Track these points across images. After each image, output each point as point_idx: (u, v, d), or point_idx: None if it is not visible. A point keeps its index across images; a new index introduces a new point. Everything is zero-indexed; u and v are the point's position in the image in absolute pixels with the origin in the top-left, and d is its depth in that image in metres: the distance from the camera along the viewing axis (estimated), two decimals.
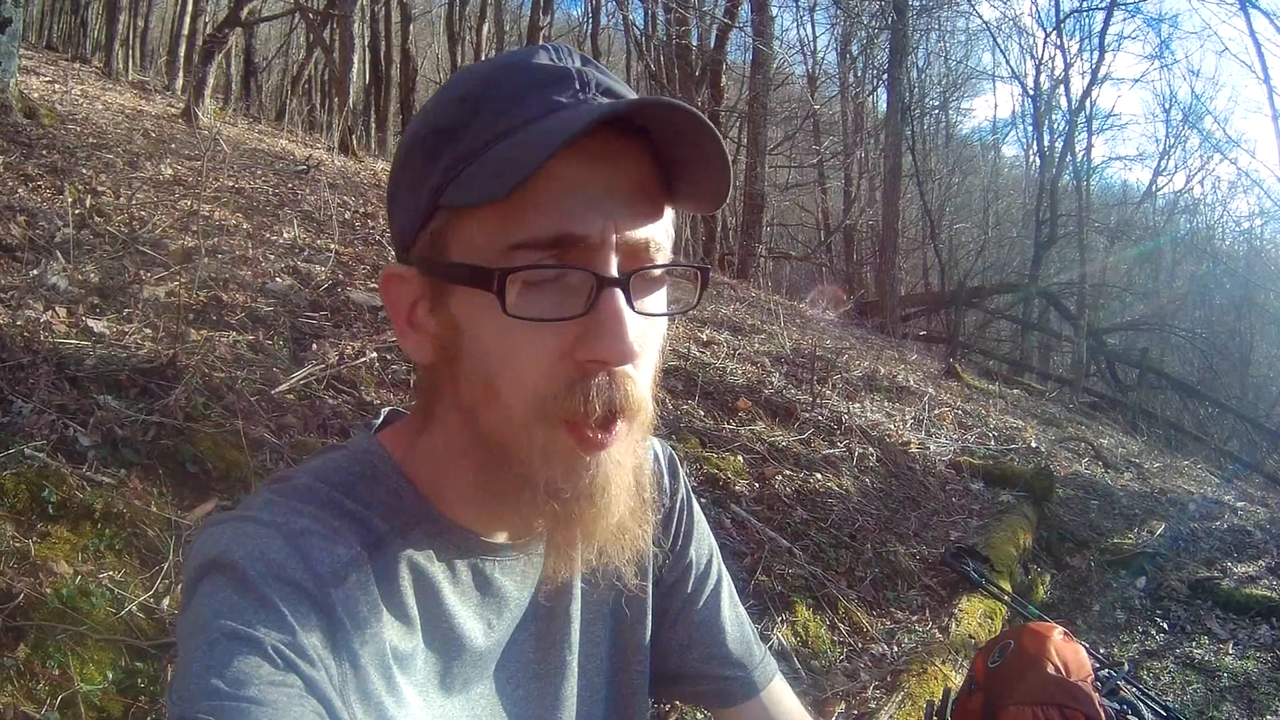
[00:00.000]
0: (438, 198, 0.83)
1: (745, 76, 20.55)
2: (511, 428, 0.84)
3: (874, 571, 4.22)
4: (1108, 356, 20.89)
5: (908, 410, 7.57)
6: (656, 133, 0.83)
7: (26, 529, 2.30)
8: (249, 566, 0.79)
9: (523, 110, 0.81)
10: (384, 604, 0.86)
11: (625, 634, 1.13)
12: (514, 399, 0.83)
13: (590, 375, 0.82)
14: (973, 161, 33.91)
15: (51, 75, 10.29)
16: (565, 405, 0.81)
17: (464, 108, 0.84)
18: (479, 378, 0.84)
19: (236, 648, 0.74)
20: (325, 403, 3.50)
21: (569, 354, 0.81)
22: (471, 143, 0.82)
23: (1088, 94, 23.10)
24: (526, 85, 0.83)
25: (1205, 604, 5.33)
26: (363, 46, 18.71)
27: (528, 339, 0.81)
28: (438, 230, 0.84)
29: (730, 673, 1.22)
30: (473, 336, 0.84)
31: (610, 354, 0.80)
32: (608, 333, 0.80)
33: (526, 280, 0.79)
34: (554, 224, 0.79)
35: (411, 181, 0.87)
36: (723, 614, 1.23)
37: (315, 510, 0.86)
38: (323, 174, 8.14)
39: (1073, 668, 2.68)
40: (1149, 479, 8.65)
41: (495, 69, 0.86)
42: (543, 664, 1.03)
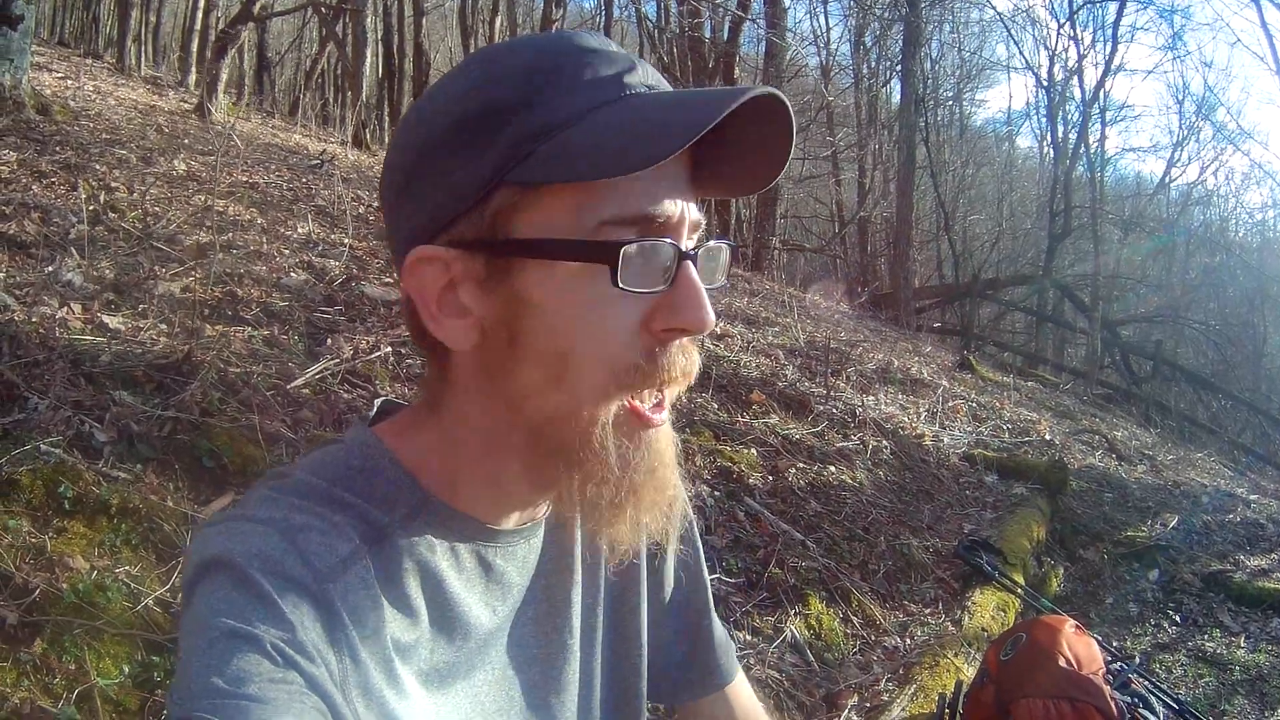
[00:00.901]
0: (502, 175, 0.82)
1: (758, 68, 20.48)
2: (582, 404, 0.85)
3: (887, 564, 4.23)
4: (1122, 349, 20.81)
5: (922, 403, 7.57)
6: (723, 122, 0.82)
7: (43, 524, 2.32)
8: (247, 564, 0.79)
9: (600, 90, 0.83)
10: (385, 597, 0.86)
11: (623, 622, 1.14)
12: (588, 373, 0.84)
13: (667, 344, 0.85)
14: (987, 153, 33.75)
15: (64, 71, 10.31)
16: (648, 375, 0.84)
17: (528, 84, 0.82)
18: (548, 356, 0.84)
19: (236, 645, 0.74)
20: (340, 397, 3.51)
21: (646, 326, 0.84)
22: (550, 117, 0.81)
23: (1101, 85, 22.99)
24: (597, 64, 0.84)
25: (1218, 597, 5.31)
26: (375, 40, 18.71)
27: (617, 311, 0.83)
28: (502, 207, 0.83)
29: (715, 661, 1.25)
30: (546, 313, 0.84)
31: (694, 322, 0.84)
32: (692, 302, 0.84)
33: (626, 254, 0.80)
34: (644, 203, 0.82)
35: (455, 161, 0.84)
36: (709, 605, 1.25)
37: (313, 506, 0.86)
38: (336, 168, 8.15)
39: (1084, 661, 2.69)
40: (1163, 471, 8.63)
41: (555, 48, 0.85)
42: (544, 648, 1.04)
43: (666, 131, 0.77)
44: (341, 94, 18.30)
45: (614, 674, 1.14)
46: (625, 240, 0.80)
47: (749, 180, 0.92)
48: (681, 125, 0.77)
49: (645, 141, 0.77)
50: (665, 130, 0.77)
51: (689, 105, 0.80)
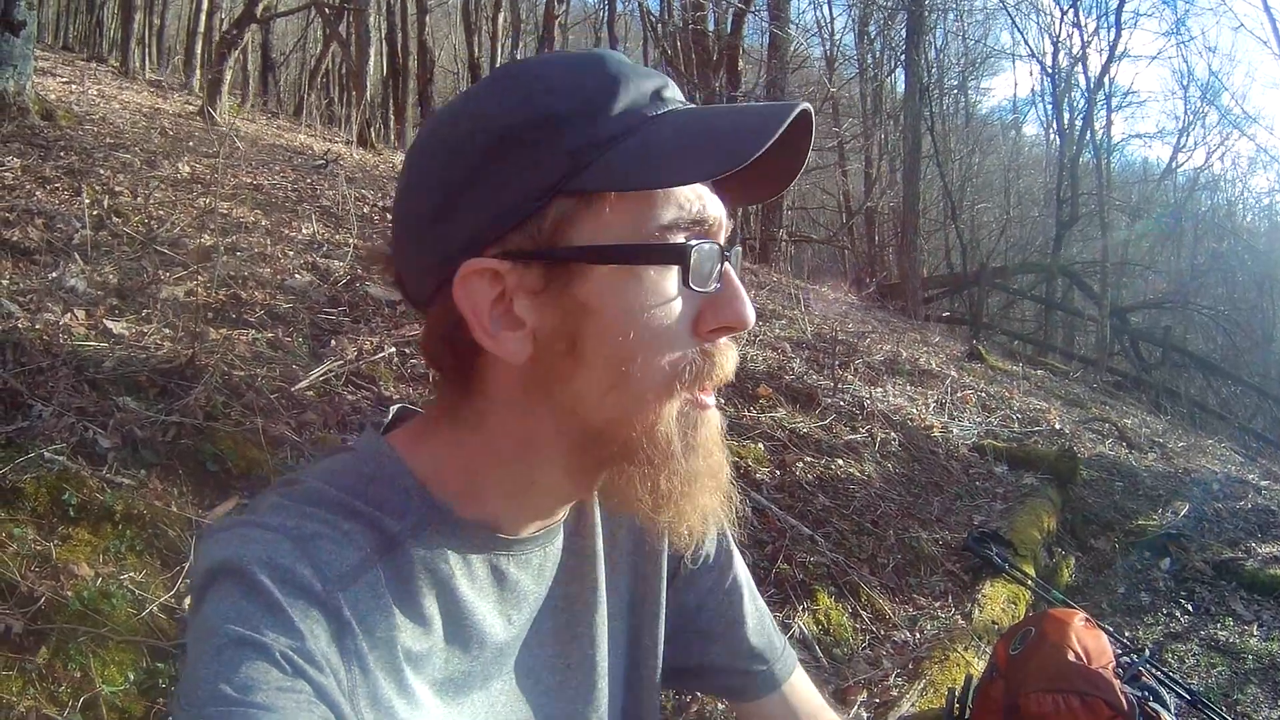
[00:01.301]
0: (561, 185, 0.82)
1: (762, 60, 20.44)
2: (644, 407, 0.86)
3: (896, 558, 4.21)
4: (1131, 335, 20.74)
5: (930, 393, 7.55)
6: None
7: (48, 532, 2.33)
8: (256, 571, 0.78)
9: (652, 102, 0.87)
10: (396, 605, 0.85)
11: (642, 629, 1.13)
12: (653, 374, 0.85)
13: (716, 344, 0.89)
14: (993, 141, 33.64)
15: (68, 76, 10.34)
16: (705, 372, 0.88)
17: (585, 94, 0.84)
18: (611, 360, 0.84)
19: (244, 653, 0.73)
20: (345, 399, 3.52)
21: (695, 327, 0.87)
22: (612, 127, 0.83)
23: (1106, 71, 22.80)
24: (644, 81, 0.87)
25: (1230, 585, 5.29)
26: (379, 39, 18.72)
27: (677, 313, 0.85)
28: (560, 218, 0.83)
29: (751, 667, 1.22)
30: (610, 317, 0.84)
31: (741, 319, 0.88)
32: (740, 299, 0.88)
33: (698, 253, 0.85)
34: (697, 207, 0.86)
35: (510, 172, 0.84)
36: (743, 607, 1.22)
37: (324, 513, 0.86)
38: (341, 168, 8.15)
39: (1094, 654, 2.67)
40: (1173, 459, 8.60)
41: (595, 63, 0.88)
42: (564, 657, 1.03)
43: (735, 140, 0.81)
44: (346, 93, 18.31)
45: (633, 684, 1.13)
46: (691, 243, 0.84)
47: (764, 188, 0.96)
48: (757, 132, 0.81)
49: (708, 152, 0.81)
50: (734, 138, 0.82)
51: (749, 116, 0.86)
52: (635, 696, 1.13)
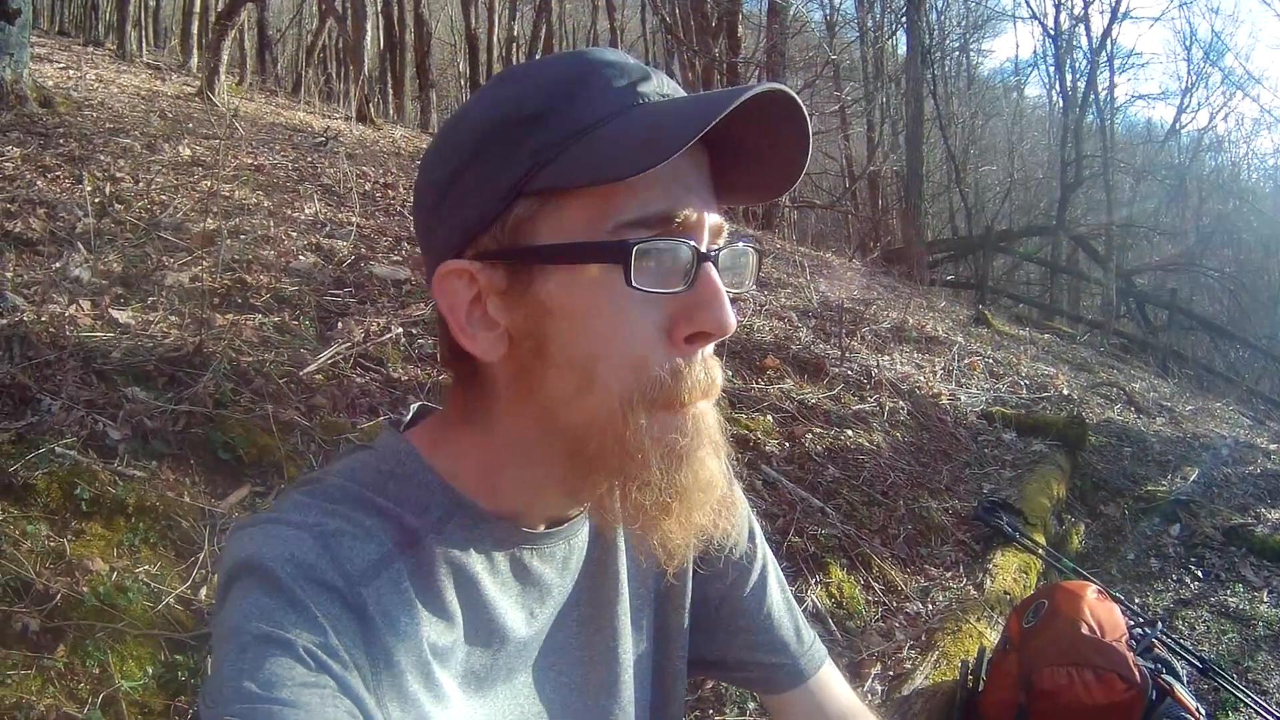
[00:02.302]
0: (524, 185, 0.83)
1: (762, 26, 20.30)
2: (612, 412, 0.84)
3: (907, 528, 4.21)
4: (1137, 298, 20.73)
5: (938, 361, 7.53)
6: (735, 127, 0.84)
7: (61, 528, 2.33)
8: (280, 568, 0.79)
9: (619, 99, 0.84)
10: (419, 601, 0.86)
11: (667, 620, 1.14)
12: (617, 381, 0.84)
13: (690, 353, 0.85)
14: (995, 104, 33.51)
15: (65, 61, 10.28)
16: (670, 389, 0.84)
17: (550, 95, 0.84)
18: (575, 364, 0.84)
19: (269, 650, 0.74)
20: (353, 382, 3.51)
21: (669, 332, 0.84)
22: (570, 126, 0.82)
23: (1108, 32, 22.74)
24: (617, 76, 0.85)
25: (1239, 551, 5.28)
26: (375, 13, 18.61)
27: (637, 314, 0.83)
28: (523, 217, 0.84)
29: (777, 660, 1.21)
30: (570, 320, 0.84)
31: (716, 325, 0.84)
32: (713, 304, 0.84)
33: (641, 253, 0.81)
34: (662, 204, 0.82)
35: (483, 174, 0.86)
36: (769, 600, 1.22)
37: (347, 510, 0.87)
38: (341, 145, 8.12)
39: (1107, 628, 2.69)
40: (1181, 423, 8.58)
41: (569, 62, 0.88)
42: (587, 650, 1.04)
43: (672, 132, 0.78)
44: (344, 69, 18.20)
45: (659, 676, 1.14)
46: (639, 239, 0.81)
47: (768, 185, 0.93)
48: (692, 121, 0.78)
49: (652, 143, 0.78)
50: (671, 130, 0.78)
51: (694, 105, 0.81)
52: (661, 686, 1.14)
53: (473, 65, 20.22)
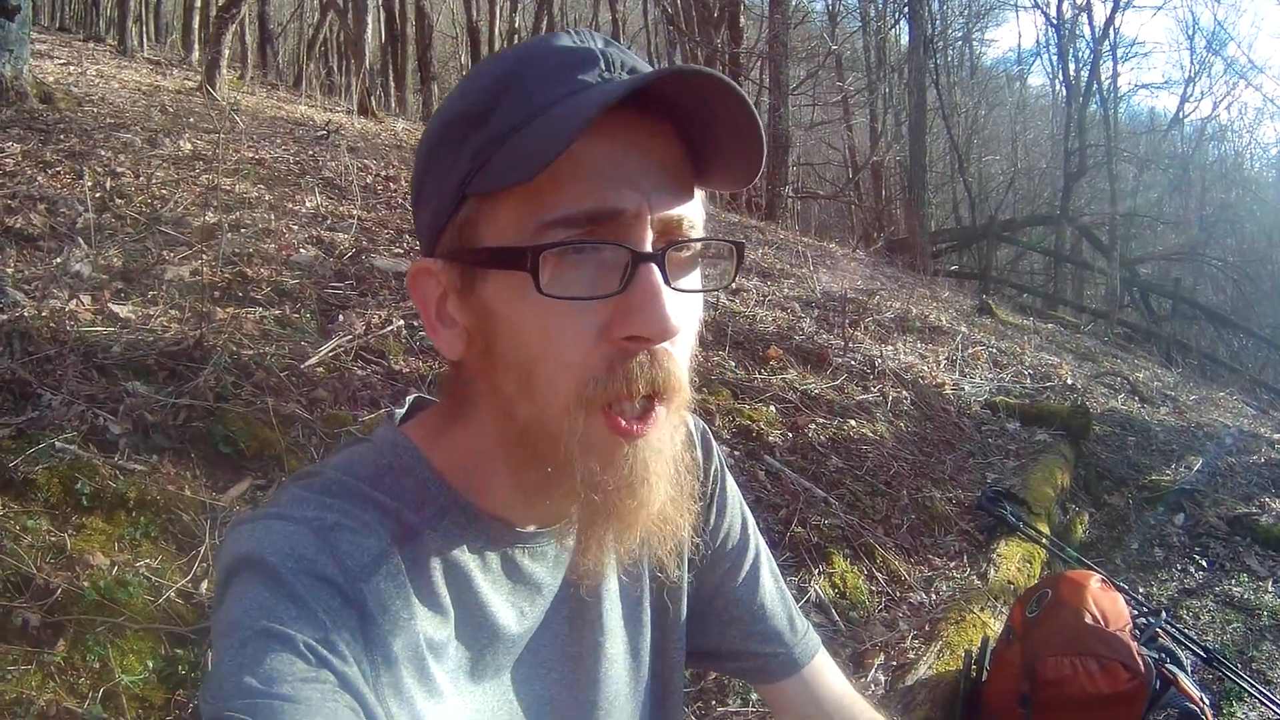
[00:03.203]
0: (466, 186, 0.83)
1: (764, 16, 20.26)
2: (550, 416, 0.83)
3: (910, 518, 4.21)
4: (1141, 287, 20.70)
5: (941, 350, 7.52)
6: (684, 108, 0.82)
7: (62, 523, 2.33)
8: (279, 563, 0.79)
9: (548, 92, 0.81)
10: (416, 595, 0.86)
11: (664, 613, 1.13)
12: (553, 384, 0.82)
13: (630, 355, 0.81)
14: (998, 93, 33.47)
15: (66, 57, 10.28)
16: (607, 388, 0.81)
17: (489, 94, 0.83)
18: (515, 366, 0.84)
19: (268, 645, 0.74)
20: (354, 374, 3.51)
21: (606, 334, 0.81)
22: (499, 127, 0.81)
23: (1111, 21, 22.69)
24: (551, 67, 0.83)
25: (1244, 540, 5.28)
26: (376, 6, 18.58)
27: (566, 319, 0.80)
28: (467, 219, 0.84)
29: (770, 649, 1.22)
30: (508, 323, 0.83)
31: (650, 329, 0.79)
32: (646, 308, 0.79)
33: (561, 258, 0.79)
34: (588, 200, 0.79)
35: (438, 174, 0.87)
36: (762, 590, 1.22)
37: (344, 504, 0.87)
38: (342, 138, 8.11)
39: (1110, 617, 2.68)
40: (1185, 413, 8.57)
41: (517, 55, 0.86)
42: (576, 646, 1.04)
43: (556, 132, 0.76)
44: (345, 62, 18.18)
45: (657, 668, 1.14)
46: (549, 243, 0.78)
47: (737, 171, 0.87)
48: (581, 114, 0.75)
49: (539, 146, 0.76)
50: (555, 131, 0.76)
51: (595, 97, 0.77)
52: (661, 678, 1.14)
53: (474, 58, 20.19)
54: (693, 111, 0.82)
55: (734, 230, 11.75)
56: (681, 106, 0.82)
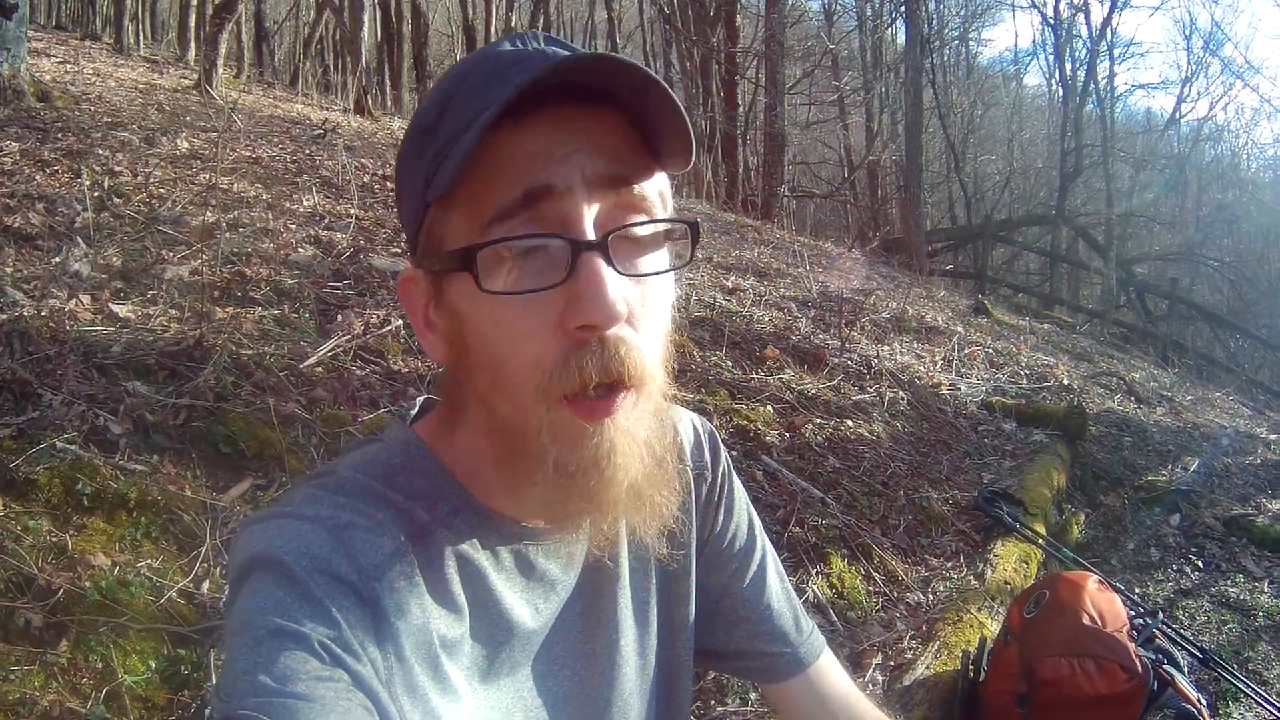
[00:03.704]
0: (425, 194, 0.84)
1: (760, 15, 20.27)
2: (519, 409, 0.84)
3: (907, 518, 4.21)
4: (1137, 287, 20.72)
5: (937, 351, 7.53)
6: (619, 94, 0.82)
7: (63, 523, 2.33)
8: (294, 562, 0.79)
9: (484, 98, 0.81)
10: (429, 593, 0.87)
11: (673, 613, 1.14)
12: (517, 378, 0.83)
13: (583, 343, 0.81)
14: (995, 93, 33.48)
15: (62, 55, 10.26)
16: (562, 378, 0.81)
17: (439, 105, 0.86)
18: (485, 364, 0.85)
19: (283, 644, 0.74)
20: (353, 374, 3.51)
21: (561, 325, 0.81)
22: (445, 136, 0.83)
23: (1108, 21, 22.73)
24: (489, 74, 0.84)
25: (1240, 541, 5.28)
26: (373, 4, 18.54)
27: (518, 314, 0.81)
28: (431, 227, 0.86)
29: (776, 649, 1.23)
30: (471, 323, 0.85)
31: (594, 316, 0.79)
32: (587, 295, 0.79)
33: (508, 254, 0.80)
34: (519, 185, 0.80)
35: (407, 186, 0.89)
36: (768, 591, 1.23)
37: (358, 503, 0.87)
38: (339, 137, 8.11)
39: (1108, 618, 2.69)
40: (1182, 413, 8.58)
41: (462, 65, 0.88)
42: (590, 643, 1.04)
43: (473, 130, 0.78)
44: (341, 60, 18.14)
45: (665, 667, 1.14)
46: (485, 241, 0.80)
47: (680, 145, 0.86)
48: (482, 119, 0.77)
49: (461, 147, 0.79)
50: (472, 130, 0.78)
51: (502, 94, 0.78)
52: (669, 678, 1.15)
53: None
54: (629, 98, 0.82)
55: (729, 228, 11.76)
56: (619, 95, 0.82)
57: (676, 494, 0.95)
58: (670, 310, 0.92)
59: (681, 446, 1.16)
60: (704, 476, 1.18)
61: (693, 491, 1.16)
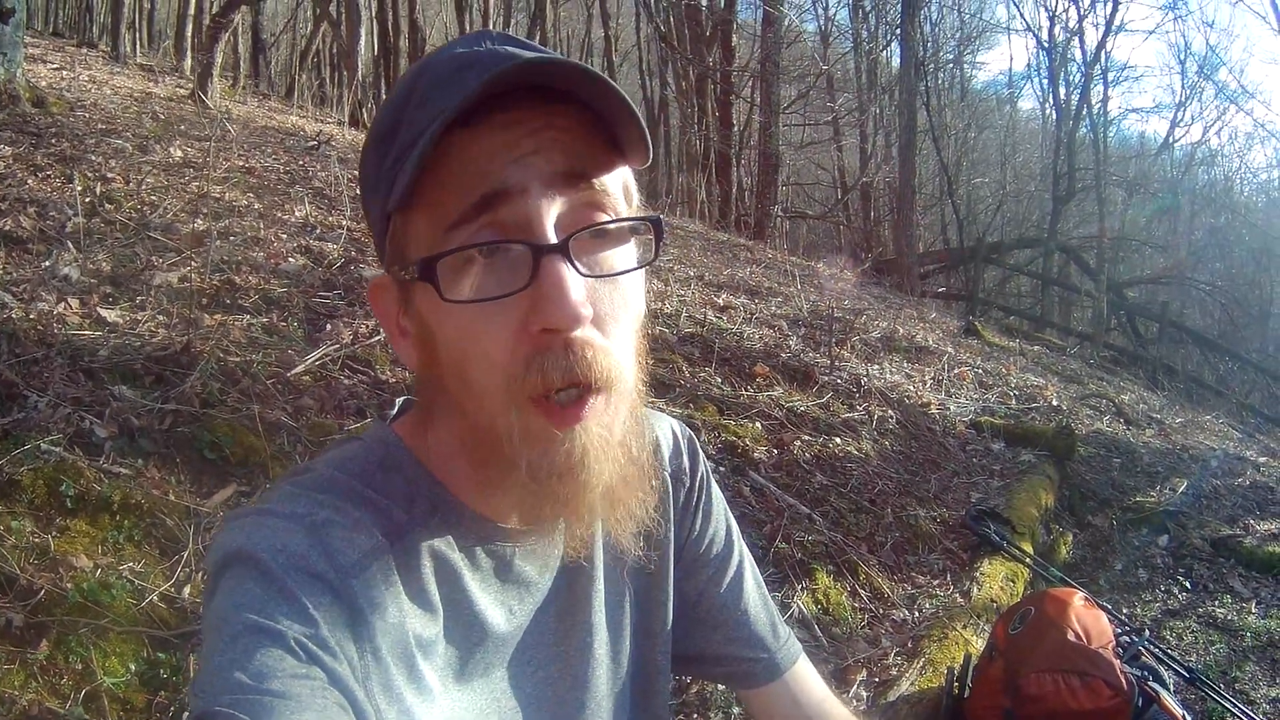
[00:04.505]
0: (387, 204, 0.84)
1: (756, 35, 20.35)
2: (487, 413, 0.84)
3: (894, 536, 4.21)
4: (1128, 311, 20.76)
5: (927, 370, 7.54)
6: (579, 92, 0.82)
7: (45, 524, 2.33)
8: (271, 559, 0.79)
9: (438, 104, 0.81)
10: (406, 592, 0.87)
11: (649, 617, 1.14)
12: (485, 384, 0.83)
13: (547, 348, 0.81)
14: (989, 116, 33.65)
15: (59, 62, 10.26)
16: (526, 382, 0.81)
17: (394, 112, 0.85)
18: (453, 369, 0.85)
19: (259, 641, 0.74)
20: (341, 383, 3.51)
21: (524, 329, 0.81)
22: (402, 144, 0.83)
23: (1102, 45, 22.82)
24: (440, 76, 0.83)
25: (1228, 562, 5.29)
26: (369, 18, 18.60)
27: (483, 321, 0.81)
28: (395, 235, 0.86)
29: (753, 654, 1.23)
30: (438, 329, 0.85)
31: (557, 320, 0.79)
32: (550, 299, 0.79)
33: (470, 261, 0.80)
34: (475, 190, 0.80)
35: (369, 195, 0.90)
36: (745, 596, 1.23)
37: (336, 501, 0.87)
38: (333, 149, 8.11)
39: (1094, 634, 2.69)
40: (1171, 435, 8.60)
41: (416, 68, 0.88)
42: (563, 646, 1.04)
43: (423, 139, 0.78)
44: (337, 73, 18.20)
45: (640, 671, 1.14)
46: (444, 251, 0.80)
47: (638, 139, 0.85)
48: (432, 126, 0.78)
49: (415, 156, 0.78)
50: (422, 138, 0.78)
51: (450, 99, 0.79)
52: (644, 682, 1.15)
53: None
54: (585, 95, 0.82)
55: (721, 247, 11.78)
56: (580, 92, 0.82)
57: (653, 495, 0.95)
58: (641, 307, 0.92)
59: (659, 449, 1.17)
60: (682, 481, 1.19)
61: (670, 495, 1.16)
